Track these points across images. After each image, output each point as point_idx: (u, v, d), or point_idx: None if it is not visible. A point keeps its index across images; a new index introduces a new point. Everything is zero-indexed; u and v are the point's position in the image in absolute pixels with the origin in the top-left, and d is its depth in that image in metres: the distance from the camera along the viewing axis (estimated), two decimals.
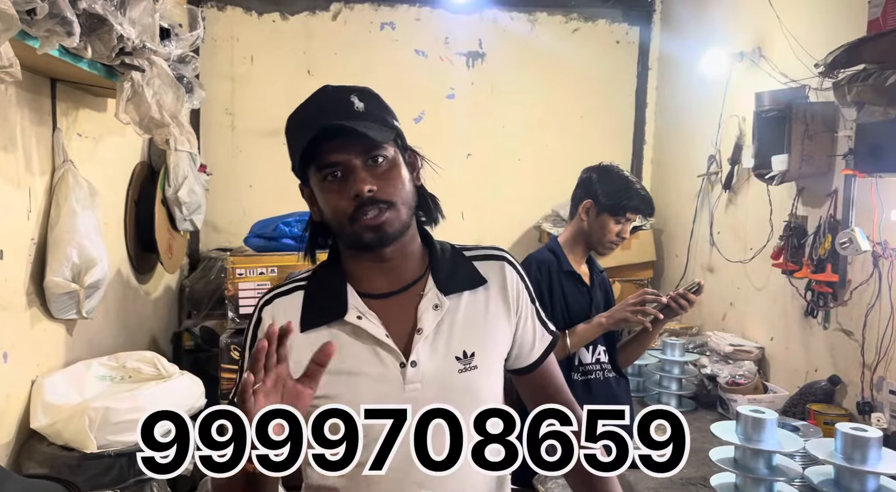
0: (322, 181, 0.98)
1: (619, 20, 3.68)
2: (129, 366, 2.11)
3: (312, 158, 0.98)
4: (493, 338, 1.05)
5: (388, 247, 0.99)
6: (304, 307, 1.01)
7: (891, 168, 1.83)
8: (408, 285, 1.03)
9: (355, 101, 0.98)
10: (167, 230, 2.79)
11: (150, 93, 1.93)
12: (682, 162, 3.37)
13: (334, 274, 1.03)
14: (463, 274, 1.05)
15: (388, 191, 0.97)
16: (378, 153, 0.97)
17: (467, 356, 1.00)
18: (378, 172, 0.97)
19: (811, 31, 2.34)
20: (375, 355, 0.98)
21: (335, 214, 0.98)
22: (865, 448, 1.46)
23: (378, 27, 3.57)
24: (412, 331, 0.99)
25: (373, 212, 0.95)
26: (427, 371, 0.98)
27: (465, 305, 1.03)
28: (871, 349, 2.05)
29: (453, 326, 1.01)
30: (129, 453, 1.84)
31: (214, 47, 3.44)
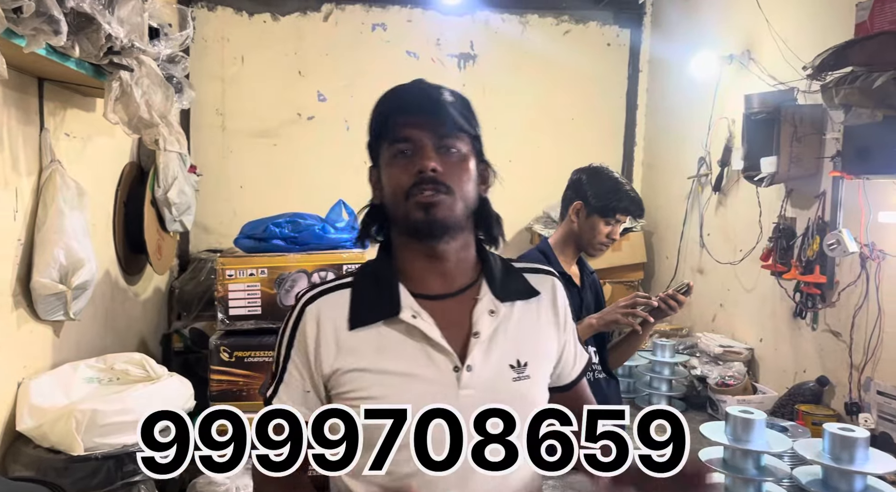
0: (391, 157, 0.97)
1: (610, 22, 3.70)
2: (118, 368, 2.09)
3: (388, 132, 0.98)
4: (544, 350, 1.03)
5: (437, 238, 0.97)
6: (353, 304, 0.99)
7: (878, 170, 1.85)
8: (462, 289, 1.01)
9: (445, 94, 0.99)
10: (156, 231, 2.77)
11: (139, 93, 1.91)
12: (673, 164, 3.38)
13: (386, 271, 1.01)
14: (516, 284, 1.04)
15: (451, 177, 0.96)
16: (452, 143, 0.97)
17: (521, 365, 0.98)
18: (447, 160, 0.96)
19: (799, 34, 2.36)
20: (428, 357, 0.95)
21: (394, 190, 0.97)
22: (853, 448, 1.47)
23: (370, 28, 3.56)
24: (467, 335, 0.97)
25: (429, 191, 0.94)
26: (482, 377, 0.95)
27: (519, 314, 1.02)
28: (858, 350, 2.07)
29: (507, 333, 0.99)
30: (116, 456, 1.83)
31: (205, 48, 3.43)
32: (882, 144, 1.77)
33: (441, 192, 0.95)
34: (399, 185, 0.96)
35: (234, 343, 2.39)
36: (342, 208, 2.79)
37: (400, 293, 0.98)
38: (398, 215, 0.98)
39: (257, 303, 2.45)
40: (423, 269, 1.00)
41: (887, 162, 1.78)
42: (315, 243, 2.56)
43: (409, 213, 0.95)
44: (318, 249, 2.54)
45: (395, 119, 0.97)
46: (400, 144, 0.97)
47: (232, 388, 2.38)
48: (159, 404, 1.94)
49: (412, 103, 0.97)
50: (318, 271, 2.48)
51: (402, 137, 0.96)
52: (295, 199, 3.23)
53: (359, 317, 0.97)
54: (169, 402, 1.99)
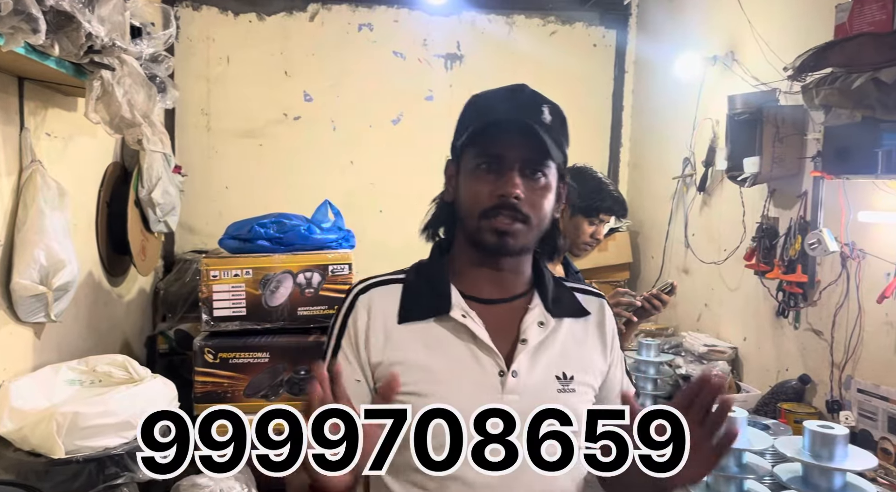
0: (475, 167, 0.96)
1: (596, 23, 3.71)
2: (100, 370, 2.07)
3: (477, 140, 0.96)
4: (590, 368, 1.02)
5: (504, 259, 0.98)
6: (404, 299, 0.99)
7: (857, 170, 1.87)
8: (513, 297, 1.01)
9: (545, 112, 0.96)
10: (140, 232, 2.75)
11: (121, 92, 1.90)
12: (658, 164, 3.40)
13: (439, 270, 1.01)
14: (567, 301, 1.04)
15: (532, 205, 0.95)
16: (541, 169, 0.96)
17: (566, 378, 0.98)
18: (532, 185, 0.95)
19: (781, 36, 2.38)
20: (474, 358, 0.96)
21: (471, 202, 0.96)
22: (832, 445, 1.48)
23: (356, 28, 3.56)
24: (515, 341, 0.97)
25: (507, 218, 0.94)
26: (527, 383, 0.95)
27: (567, 330, 1.02)
28: (839, 349, 2.09)
29: (555, 346, 0.99)
30: (98, 459, 1.81)
31: (190, 47, 3.41)
32: (861, 144, 1.79)
33: (518, 220, 0.94)
34: (477, 201, 0.95)
35: (218, 344, 2.38)
36: (328, 209, 2.78)
37: (451, 293, 0.98)
38: (469, 228, 0.98)
39: (242, 304, 2.44)
40: (478, 274, 1.00)
41: (866, 162, 1.79)
42: (300, 244, 2.55)
43: (481, 232, 0.95)
44: (303, 249, 2.54)
45: (491, 131, 0.95)
46: (488, 158, 0.95)
47: (217, 389, 2.37)
48: (142, 407, 1.94)
49: (511, 118, 0.94)
50: (303, 272, 2.47)
51: (493, 153, 0.95)
52: (281, 199, 3.22)
53: (409, 311, 0.98)
54: (152, 404, 1.98)
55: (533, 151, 0.94)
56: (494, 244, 0.95)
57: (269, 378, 2.39)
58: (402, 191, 3.60)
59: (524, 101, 0.97)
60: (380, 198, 3.59)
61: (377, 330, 0.97)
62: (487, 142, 0.95)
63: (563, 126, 1.00)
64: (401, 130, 3.60)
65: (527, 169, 0.95)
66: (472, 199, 0.96)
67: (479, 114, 0.98)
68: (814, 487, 1.50)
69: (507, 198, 0.93)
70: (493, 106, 0.97)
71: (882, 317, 1.95)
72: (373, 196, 3.58)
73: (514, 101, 0.97)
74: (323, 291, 2.47)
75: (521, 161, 0.95)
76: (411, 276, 1.03)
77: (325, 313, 2.47)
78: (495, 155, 0.95)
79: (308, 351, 2.40)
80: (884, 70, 1.58)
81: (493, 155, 0.95)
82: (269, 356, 2.39)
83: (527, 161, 0.95)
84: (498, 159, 0.95)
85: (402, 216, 3.63)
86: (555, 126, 0.97)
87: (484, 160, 0.95)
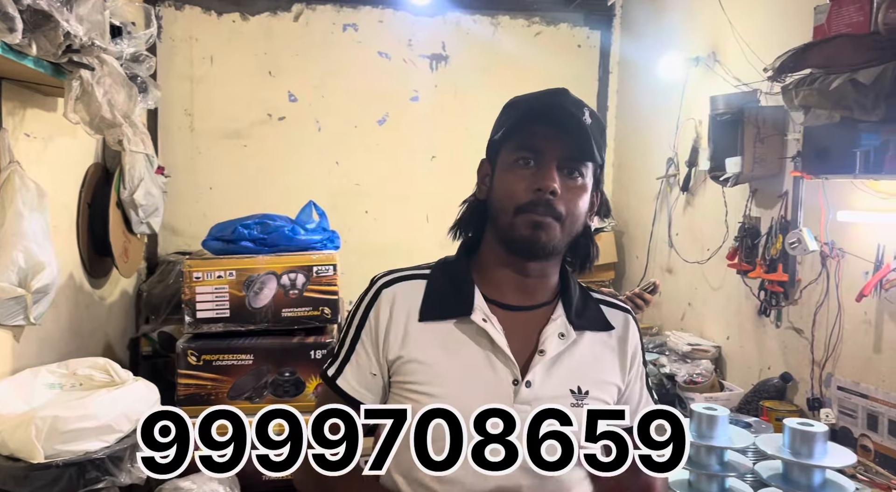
0: (513, 161, 0.95)
1: (581, 24, 3.73)
2: (80, 373, 2.05)
3: (518, 134, 0.95)
4: (606, 385, 1.01)
5: (534, 260, 0.96)
6: (427, 297, 0.98)
7: (835, 170, 1.89)
8: (536, 306, 1.00)
9: (586, 114, 0.95)
10: (122, 233, 2.72)
11: (101, 92, 1.88)
12: (642, 165, 3.42)
13: (463, 272, 1.00)
14: (592, 314, 1.02)
15: (567, 205, 0.94)
16: (579, 169, 0.95)
17: (581, 392, 0.97)
18: (568, 184, 0.94)
19: (761, 37, 2.41)
20: (490, 364, 0.95)
21: (506, 197, 0.94)
22: (811, 443, 1.50)
23: (340, 28, 3.55)
24: (532, 351, 0.96)
25: (541, 213, 0.92)
26: (540, 395, 0.94)
27: (588, 343, 1.00)
28: (819, 347, 2.11)
29: (573, 359, 0.98)
30: (78, 463, 1.79)
31: (172, 47, 3.38)
32: (839, 144, 1.81)
33: (551, 215, 0.93)
34: (513, 196, 0.94)
35: (201, 347, 2.36)
36: (312, 209, 2.77)
37: (475, 295, 0.98)
38: (501, 224, 0.96)
39: (225, 305, 2.42)
40: (503, 277, 0.99)
41: (844, 162, 1.81)
42: (285, 245, 2.54)
43: (514, 227, 0.94)
44: (287, 250, 2.52)
45: (531, 125, 0.94)
46: (526, 152, 0.94)
47: (200, 392, 2.35)
48: (123, 410, 1.92)
49: (552, 114, 0.93)
50: (287, 273, 2.46)
51: (532, 146, 0.94)
52: (266, 200, 3.21)
53: (430, 310, 0.97)
54: (134, 407, 1.96)
55: (573, 148, 0.93)
56: (528, 238, 0.93)
57: (253, 380, 2.38)
58: (387, 191, 3.60)
59: (565, 102, 0.96)
60: (365, 198, 3.58)
61: (398, 326, 0.97)
62: (527, 135, 0.94)
63: (602, 133, 0.99)
64: (386, 131, 3.60)
65: (565, 167, 0.94)
66: (508, 193, 0.94)
67: (518, 110, 0.97)
68: (794, 484, 1.51)
69: (544, 192, 0.91)
70: (534, 103, 0.96)
71: (861, 315, 1.98)
72: (358, 197, 3.57)
73: (555, 99, 0.96)
74: (307, 293, 2.46)
75: (560, 158, 0.93)
76: (436, 273, 1.01)
77: (310, 315, 2.46)
78: (534, 149, 0.94)
79: (292, 353, 2.39)
80: (861, 71, 1.60)
81: (532, 149, 0.94)
82: (252, 358, 2.37)
83: (566, 158, 0.94)
84: (537, 153, 0.94)
85: (388, 217, 3.66)
86: (595, 130, 0.96)
87: (522, 155, 0.94)
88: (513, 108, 0.99)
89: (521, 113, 0.96)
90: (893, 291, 1.85)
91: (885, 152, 1.73)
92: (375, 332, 0.97)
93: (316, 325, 2.48)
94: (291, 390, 2.40)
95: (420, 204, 3.58)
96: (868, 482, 1.76)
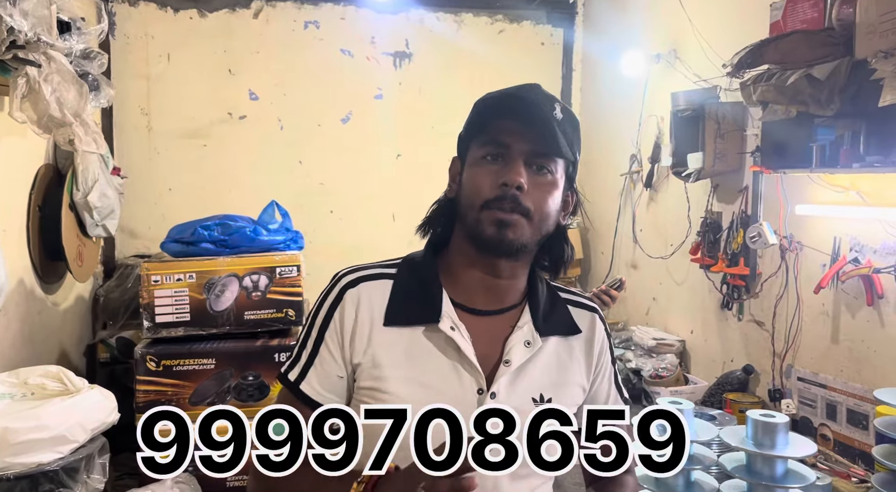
0: (480, 157, 0.93)
1: (544, 22, 3.74)
2: (32, 382, 1.96)
3: (486, 130, 0.92)
4: (570, 388, 0.99)
5: (501, 259, 0.94)
6: (392, 300, 0.95)
7: (793, 164, 1.92)
8: (504, 309, 0.97)
9: (557, 109, 0.93)
10: (76, 237, 2.63)
11: (49, 90, 1.81)
12: (606, 162, 3.45)
13: (430, 273, 0.97)
14: (559, 318, 1.00)
15: (535, 201, 0.91)
16: (548, 164, 0.92)
17: (544, 400, 0.95)
18: (536, 180, 0.91)
19: (720, 34, 2.44)
20: (455, 373, 0.92)
21: (472, 193, 0.92)
22: (774, 434, 1.52)
23: (302, 26, 3.49)
24: (498, 361, 0.94)
25: (508, 209, 0.89)
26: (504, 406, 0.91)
27: (553, 348, 0.98)
28: (780, 339, 2.15)
29: (536, 366, 0.96)
30: (31, 475, 1.72)
31: (127, 45, 3.28)
32: (796, 139, 1.84)
33: (519, 212, 0.90)
34: (479, 191, 0.91)
35: (161, 352, 2.30)
36: (275, 209, 2.72)
37: (442, 301, 0.94)
38: (468, 221, 0.93)
39: (186, 309, 2.36)
40: (472, 279, 0.96)
41: (801, 157, 1.85)
42: (246, 246, 2.48)
43: (480, 224, 0.91)
44: (249, 251, 2.47)
45: (498, 120, 0.92)
46: (493, 147, 0.92)
47: (160, 398, 2.29)
48: (78, 420, 1.85)
49: (519, 109, 0.91)
50: (249, 275, 2.40)
51: (499, 141, 0.91)
52: (227, 201, 3.14)
53: (396, 315, 0.94)
54: (89, 416, 1.89)
55: (541, 143, 0.91)
56: (493, 236, 0.90)
57: (215, 385, 2.32)
58: (352, 191, 3.56)
59: (536, 98, 0.93)
60: (330, 198, 3.54)
61: (363, 330, 0.94)
62: (494, 131, 0.92)
63: (575, 129, 0.96)
64: (350, 129, 3.55)
65: (533, 163, 0.92)
66: (474, 189, 0.92)
67: (487, 106, 0.95)
68: (757, 475, 1.53)
69: (510, 187, 0.89)
70: (503, 99, 0.94)
71: (819, 307, 2.02)
72: (323, 196, 3.52)
73: (524, 94, 0.94)
74: (270, 294, 2.41)
75: (527, 153, 0.91)
76: (403, 273, 0.98)
77: (274, 317, 2.41)
78: (501, 144, 0.91)
79: (255, 356, 2.34)
80: (816, 66, 1.63)
81: (499, 144, 0.92)
82: (215, 362, 2.31)
83: (533, 154, 0.91)
84: (504, 149, 0.91)
85: (354, 216, 3.62)
86: (566, 126, 0.93)
87: (489, 150, 0.92)
88: (482, 105, 0.97)
89: (489, 109, 0.94)
90: (850, 283, 1.89)
91: (839, 147, 1.77)
92: (340, 334, 0.94)
93: (280, 327, 2.43)
94: (255, 394, 2.35)
95: (386, 203, 3.55)
96: (828, 471, 1.79)
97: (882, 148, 1.67)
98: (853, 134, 1.74)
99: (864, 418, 1.85)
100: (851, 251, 1.90)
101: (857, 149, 1.73)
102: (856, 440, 1.87)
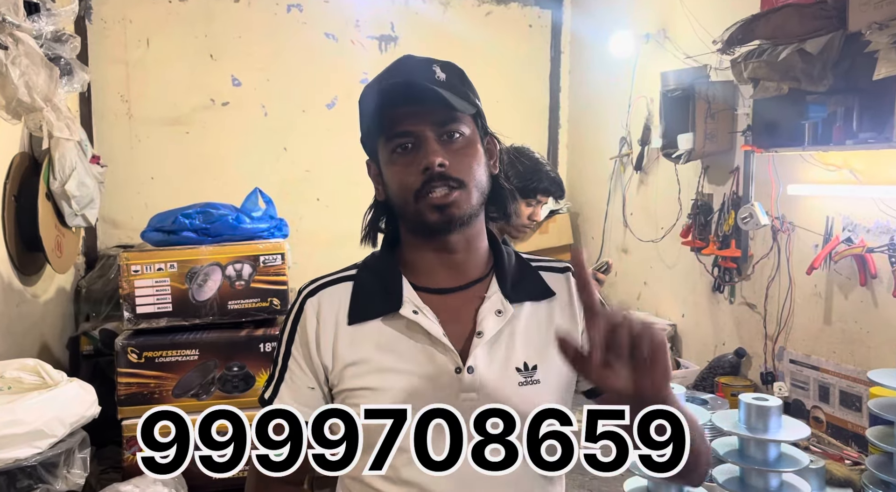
0: (390, 154, 0.91)
1: (531, 3, 3.67)
2: (8, 376, 1.91)
3: (383, 127, 0.90)
4: (556, 352, 0.95)
5: (453, 233, 0.91)
6: (354, 299, 0.94)
7: (785, 143, 1.88)
8: (469, 283, 0.95)
9: (437, 71, 0.90)
10: (55, 227, 2.57)
11: (17, 73, 1.75)
12: (596, 144, 3.40)
13: (389, 264, 0.96)
14: (529, 283, 0.97)
15: (461, 169, 0.89)
16: (454, 127, 0.90)
17: (528, 369, 0.92)
18: (452, 148, 0.89)
19: (710, 11, 2.39)
20: (428, 356, 0.90)
21: (400, 190, 0.90)
22: (766, 417, 1.49)
23: (284, 9, 3.41)
24: (471, 334, 0.91)
25: (441, 190, 0.87)
26: (485, 380, 0.89)
27: (528, 314, 0.95)
28: (772, 321, 2.12)
29: (514, 335, 0.93)
30: (7, 471, 1.68)
31: (104, 29, 3.20)
32: (788, 117, 1.80)
33: (454, 189, 0.88)
34: (405, 185, 0.89)
35: (143, 343, 2.25)
36: (259, 197, 2.67)
37: (402, 287, 0.92)
38: (408, 215, 0.92)
39: (167, 299, 2.31)
40: (430, 261, 0.94)
41: (793, 135, 1.81)
42: (229, 234, 2.43)
43: (421, 214, 0.89)
44: (232, 240, 2.42)
45: (388, 111, 0.89)
46: (398, 139, 0.89)
47: (143, 390, 2.24)
48: (56, 414, 1.80)
49: (403, 92, 0.88)
50: (232, 264, 2.36)
51: (400, 132, 0.89)
52: (211, 189, 3.07)
53: (358, 312, 0.93)
54: (68, 410, 1.85)
55: (439, 114, 0.88)
56: (439, 220, 0.89)
57: (199, 376, 2.28)
58: (339, 177, 3.49)
59: (411, 68, 0.92)
60: (316, 185, 3.47)
61: (327, 334, 0.93)
62: (390, 123, 0.90)
63: (462, 80, 0.94)
64: (336, 115, 3.49)
65: (442, 133, 0.89)
66: (400, 186, 0.91)
67: (371, 102, 0.93)
68: (750, 459, 1.50)
69: (432, 169, 0.87)
70: (383, 88, 0.91)
71: (811, 288, 1.99)
72: (309, 183, 3.46)
73: (400, 75, 0.91)
74: (254, 283, 2.36)
75: (429, 127, 0.88)
76: (362, 272, 0.97)
77: (258, 306, 2.37)
78: (404, 133, 0.89)
79: (240, 346, 2.30)
80: (808, 41, 1.59)
81: (402, 133, 0.89)
82: (198, 353, 2.27)
83: (437, 126, 0.89)
84: (405, 137, 0.89)
85: (341, 204, 3.55)
86: (452, 81, 0.91)
87: (397, 143, 0.90)
88: (366, 103, 0.95)
89: (375, 104, 0.91)
90: (842, 263, 1.86)
91: (832, 123, 1.73)
92: (305, 344, 0.94)
93: (265, 317, 2.38)
94: (241, 385, 2.30)
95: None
96: (821, 454, 1.77)
97: (876, 124, 1.63)
98: (846, 110, 1.70)
99: (858, 400, 1.82)
100: (844, 231, 1.86)
101: (850, 125, 1.70)
102: (849, 422, 1.85)
